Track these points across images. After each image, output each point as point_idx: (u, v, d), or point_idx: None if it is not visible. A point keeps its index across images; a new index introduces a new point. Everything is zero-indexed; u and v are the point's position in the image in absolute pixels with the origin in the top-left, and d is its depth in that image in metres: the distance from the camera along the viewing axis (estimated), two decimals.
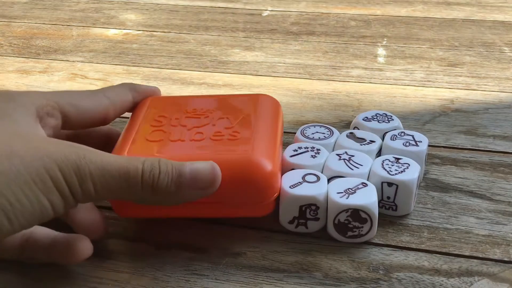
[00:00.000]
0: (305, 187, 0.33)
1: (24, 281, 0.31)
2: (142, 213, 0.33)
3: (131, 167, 0.27)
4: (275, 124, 0.36)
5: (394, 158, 0.36)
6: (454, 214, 0.36)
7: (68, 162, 0.26)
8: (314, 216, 0.33)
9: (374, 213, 0.32)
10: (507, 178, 0.39)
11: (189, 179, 0.29)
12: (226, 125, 0.35)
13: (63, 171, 0.26)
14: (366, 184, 0.33)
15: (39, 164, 0.25)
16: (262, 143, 0.33)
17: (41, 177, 0.25)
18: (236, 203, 0.32)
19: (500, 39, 0.63)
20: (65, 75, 0.56)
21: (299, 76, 0.55)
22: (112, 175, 0.27)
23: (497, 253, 0.33)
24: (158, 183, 0.28)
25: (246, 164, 0.31)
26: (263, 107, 0.37)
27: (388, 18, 0.71)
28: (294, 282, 0.31)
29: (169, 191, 0.28)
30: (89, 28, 0.69)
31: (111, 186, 0.27)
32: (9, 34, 0.68)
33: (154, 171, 0.28)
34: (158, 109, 0.37)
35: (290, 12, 0.73)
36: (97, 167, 0.26)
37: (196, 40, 0.65)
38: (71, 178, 0.26)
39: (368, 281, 0.31)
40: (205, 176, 0.29)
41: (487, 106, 0.49)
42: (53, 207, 0.26)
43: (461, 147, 0.43)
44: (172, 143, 0.34)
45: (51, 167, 0.25)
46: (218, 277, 0.31)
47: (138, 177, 0.27)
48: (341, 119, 0.47)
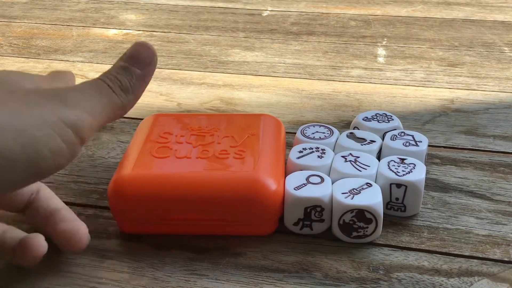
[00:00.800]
0: (310, 188, 0.33)
1: (24, 281, 0.31)
2: (147, 229, 0.34)
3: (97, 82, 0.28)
4: (279, 144, 0.37)
5: (399, 159, 0.36)
6: (454, 214, 0.36)
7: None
8: (319, 218, 0.33)
9: (379, 213, 0.32)
10: (507, 178, 0.39)
11: (130, 60, 0.29)
12: (232, 144, 0.36)
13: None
14: (370, 184, 0.33)
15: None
16: (267, 163, 0.34)
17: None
18: (241, 222, 0.33)
19: (500, 39, 0.63)
20: None
21: (299, 76, 0.55)
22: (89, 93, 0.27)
23: (497, 253, 0.33)
24: (122, 83, 0.28)
25: (251, 183, 0.32)
26: (266, 127, 0.38)
27: (388, 18, 0.71)
28: (294, 282, 0.31)
29: (134, 82, 0.28)
30: (89, 28, 0.69)
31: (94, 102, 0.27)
32: (9, 34, 0.68)
33: (113, 79, 0.28)
34: (162, 126, 0.38)
35: (290, 12, 0.73)
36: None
37: (196, 40, 0.65)
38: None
39: (368, 281, 0.31)
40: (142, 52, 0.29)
41: (487, 106, 0.49)
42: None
43: (461, 147, 0.43)
44: (178, 160, 0.34)
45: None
46: (218, 277, 0.31)
47: (108, 87, 0.28)
48: (341, 119, 0.47)
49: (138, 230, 0.34)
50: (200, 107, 0.50)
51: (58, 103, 0.25)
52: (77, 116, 0.25)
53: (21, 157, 0.23)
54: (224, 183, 0.32)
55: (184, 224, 0.33)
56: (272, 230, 0.34)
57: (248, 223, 0.33)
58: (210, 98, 0.51)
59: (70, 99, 0.26)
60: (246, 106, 0.50)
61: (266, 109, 0.49)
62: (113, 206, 0.33)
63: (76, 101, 0.26)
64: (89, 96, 0.27)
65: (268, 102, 0.50)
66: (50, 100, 0.25)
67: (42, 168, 0.25)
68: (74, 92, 0.26)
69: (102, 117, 0.27)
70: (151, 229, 0.34)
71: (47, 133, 0.24)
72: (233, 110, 0.49)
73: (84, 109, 0.26)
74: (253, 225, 0.33)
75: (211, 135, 0.37)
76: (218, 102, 0.50)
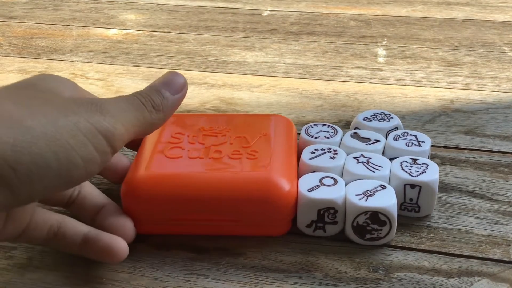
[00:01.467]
0: (323, 190, 0.33)
1: (24, 281, 0.31)
2: (159, 229, 0.34)
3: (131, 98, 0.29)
4: (291, 144, 0.37)
5: (411, 159, 0.36)
6: (454, 214, 0.36)
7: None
8: (332, 220, 0.33)
9: (393, 215, 0.32)
10: (507, 178, 0.39)
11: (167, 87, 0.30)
12: (244, 144, 0.36)
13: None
14: (384, 186, 0.33)
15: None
16: (280, 163, 0.34)
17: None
18: (254, 222, 0.33)
19: (500, 39, 0.63)
20: (65, 75, 0.56)
21: (299, 76, 0.55)
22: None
23: (497, 253, 0.33)
24: (155, 102, 0.29)
25: (265, 184, 0.32)
26: (277, 127, 0.38)
27: (388, 18, 0.71)
28: (294, 282, 0.31)
29: (165, 103, 0.30)
30: (89, 28, 0.69)
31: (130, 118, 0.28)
32: (9, 34, 0.68)
33: (147, 97, 0.29)
34: (174, 126, 0.38)
35: (290, 12, 0.73)
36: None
37: (196, 40, 0.65)
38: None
39: (368, 281, 0.31)
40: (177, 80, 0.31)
41: (487, 106, 0.49)
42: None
43: (461, 147, 0.43)
44: (191, 160, 0.34)
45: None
46: (218, 277, 0.31)
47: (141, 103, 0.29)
48: (341, 119, 0.47)
49: (150, 230, 0.33)
50: (200, 107, 0.50)
51: (93, 111, 0.26)
52: (110, 124, 0.26)
53: (53, 164, 0.24)
54: (237, 183, 0.32)
55: (198, 224, 0.33)
56: (285, 231, 0.34)
57: (261, 223, 0.33)
58: (210, 98, 0.51)
59: (105, 108, 0.26)
60: (246, 106, 0.50)
61: (266, 109, 0.49)
62: (126, 206, 0.33)
63: (111, 110, 0.27)
64: (123, 108, 0.27)
65: (268, 102, 0.50)
66: (86, 108, 0.26)
67: (74, 176, 0.25)
68: (109, 102, 0.27)
69: (133, 130, 0.28)
70: (164, 229, 0.33)
71: (80, 140, 0.25)
72: (233, 110, 0.49)
73: (118, 119, 0.27)
74: (266, 226, 0.33)
75: (223, 135, 0.37)
76: (218, 102, 0.50)
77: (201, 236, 0.34)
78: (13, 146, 0.22)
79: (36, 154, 0.23)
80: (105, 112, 0.26)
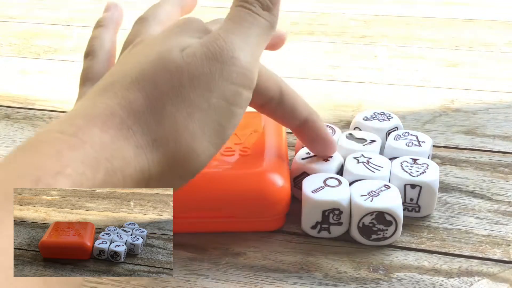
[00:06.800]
0: (328, 191, 0.33)
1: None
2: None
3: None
4: (281, 141, 0.37)
5: (411, 159, 0.36)
6: (454, 214, 0.36)
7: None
8: (337, 221, 0.33)
9: (399, 215, 0.32)
10: (507, 178, 0.39)
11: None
12: (235, 141, 0.36)
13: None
14: (388, 186, 0.33)
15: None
16: (272, 159, 0.34)
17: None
18: (249, 218, 0.33)
19: (500, 39, 0.63)
20: (65, 75, 0.56)
21: (299, 75, 0.55)
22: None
23: (497, 253, 0.33)
24: (262, 2, 0.32)
25: (259, 180, 0.32)
26: (267, 124, 0.38)
27: (388, 18, 0.71)
28: (294, 282, 0.31)
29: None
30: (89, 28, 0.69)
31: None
32: (9, 34, 0.68)
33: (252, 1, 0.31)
34: None
35: (290, 12, 0.73)
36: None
37: None
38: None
39: (368, 281, 0.31)
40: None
41: (487, 106, 0.49)
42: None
43: (461, 147, 0.43)
44: None
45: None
46: (218, 277, 0.31)
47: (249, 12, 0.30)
48: (341, 119, 0.47)
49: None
50: None
51: (230, 72, 0.27)
52: (248, 77, 0.27)
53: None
54: (231, 180, 0.33)
55: (194, 222, 0.33)
56: (280, 225, 0.34)
57: (256, 219, 0.33)
58: None
59: (237, 59, 0.27)
60: None
61: None
62: None
63: (240, 57, 0.27)
64: (246, 42, 0.28)
65: None
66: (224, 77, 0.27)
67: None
68: (234, 49, 0.27)
69: (260, 52, 0.29)
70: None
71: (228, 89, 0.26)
72: None
73: (249, 61, 0.27)
74: (261, 221, 0.33)
75: None
76: None
77: (201, 236, 0.34)
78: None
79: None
80: (237, 63, 0.27)
